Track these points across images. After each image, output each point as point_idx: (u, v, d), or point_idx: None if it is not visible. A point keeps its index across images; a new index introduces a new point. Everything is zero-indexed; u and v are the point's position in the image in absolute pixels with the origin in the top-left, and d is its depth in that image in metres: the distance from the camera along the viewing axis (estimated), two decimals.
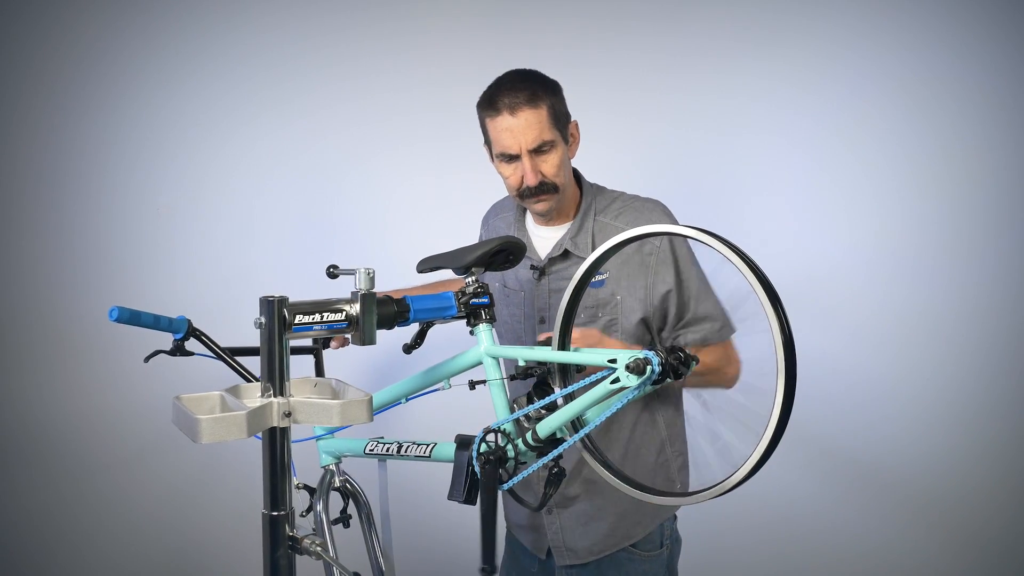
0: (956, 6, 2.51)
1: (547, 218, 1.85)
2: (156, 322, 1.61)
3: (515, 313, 1.91)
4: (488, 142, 1.83)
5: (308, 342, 1.95)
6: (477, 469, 1.49)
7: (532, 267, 1.85)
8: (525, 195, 1.78)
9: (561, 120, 1.76)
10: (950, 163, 2.53)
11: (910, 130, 2.55)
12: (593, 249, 1.76)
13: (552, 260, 1.83)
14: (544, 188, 1.76)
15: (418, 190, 2.71)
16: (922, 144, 2.54)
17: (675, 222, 1.79)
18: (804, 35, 2.58)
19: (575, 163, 1.89)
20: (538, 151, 1.73)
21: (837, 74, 2.57)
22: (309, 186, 2.69)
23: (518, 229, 1.91)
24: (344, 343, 1.98)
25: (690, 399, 1.94)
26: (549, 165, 1.75)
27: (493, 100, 1.75)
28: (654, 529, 1.86)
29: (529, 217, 1.92)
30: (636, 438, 1.82)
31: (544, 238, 1.87)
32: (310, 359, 1.96)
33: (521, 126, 1.71)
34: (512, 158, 1.75)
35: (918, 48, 2.53)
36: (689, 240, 1.78)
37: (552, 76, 1.81)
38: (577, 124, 1.84)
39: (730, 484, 1.30)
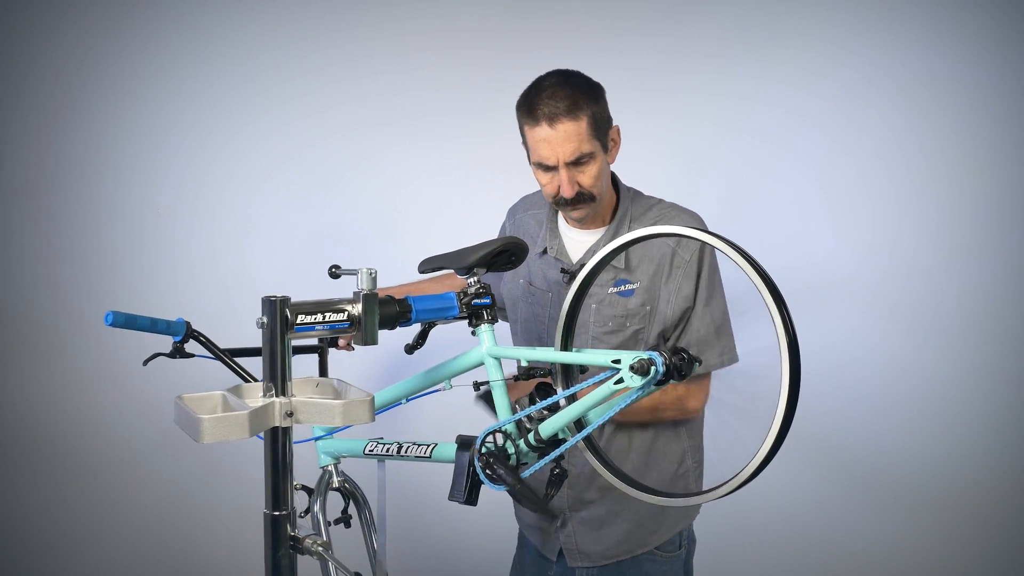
0: (956, 6, 2.52)
1: (583, 223, 1.83)
2: (153, 325, 1.60)
3: (539, 313, 1.89)
4: (525, 145, 1.79)
5: (314, 341, 1.94)
6: (478, 469, 1.49)
7: (563, 271, 1.83)
8: (561, 203, 1.75)
9: (602, 128, 1.71)
10: (950, 163, 2.54)
11: (910, 130, 2.55)
12: (627, 256, 1.75)
13: (584, 266, 1.81)
14: (581, 198, 1.72)
15: (420, 190, 2.71)
16: (922, 144, 2.55)
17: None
18: (804, 35, 2.58)
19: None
20: (576, 163, 1.69)
21: (837, 74, 2.57)
22: (310, 186, 2.68)
23: (550, 229, 1.89)
24: (351, 343, 1.97)
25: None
26: (587, 176, 1.71)
27: (532, 108, 1.69)
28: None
29: (562, 218, 1.89)
30: (658, 448, 1.82)
31: (577, 241, 1.85)
32: (314, 357, 1.95)
33: (560, 138, 1.66)
34: (549, 168, 1.71)
35: (918, 48, 2.54)
36: (717, 259, 1.77)
37: None
38: (619, 129, 1.79)
39: (734, 484, 1.30)
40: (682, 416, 1.79)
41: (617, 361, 1.32)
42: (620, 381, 1.30)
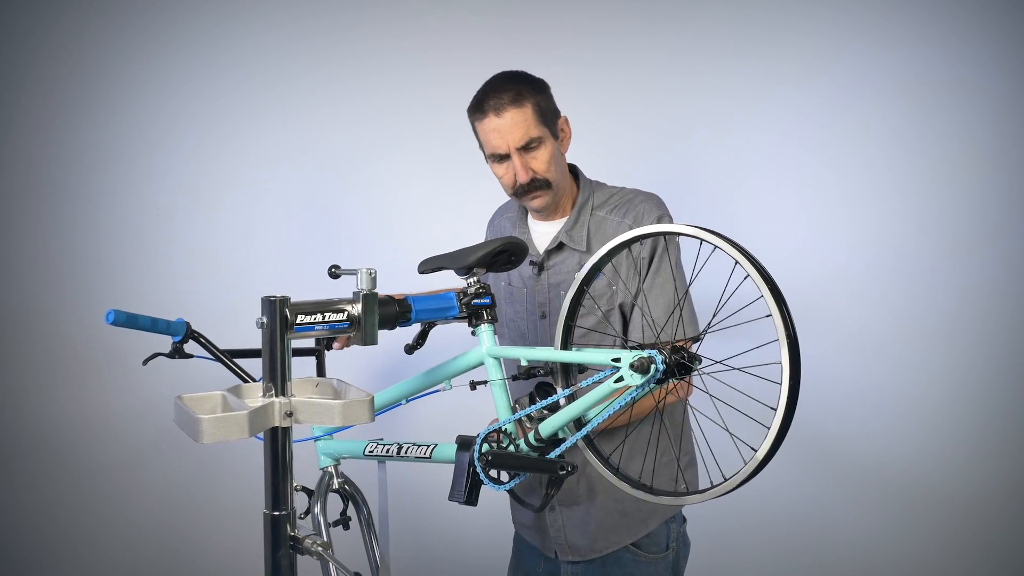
0: (956, 6, 2.52)
1: (544, 214, 1.88)
2: (153, 325, 1.59)
3: (519, 310, 1.93)
4: (480, 145, 1.86)
5: (311, 343, 1.94)
6: (479, 469, 1.48)
7: (531, 263, 1.87)
8: (520, 193, 1.81)
9: (548, 117, 1.79)
10: (950, 163, 2.53)
11: (910, 130, 2.55)
12: (588, 242, 1.81)
13: (549, 254, 1.85)
14: (536, 184, 1.79)
15: (421, 191, 2.71)
16: (922, 144, 2.55)
17: (669, 214, 1.82)
18: (804, 35, 2.58)
19: (574, 160, 1.91)
20: (526, 148, 1.77)
21: (837, 74, 2.57)
22: (310, 186, 2.68)
23: (520, 227, 1.94)
24: (347, 343, 1.98)
25: (697, 398, 1.93)
26: (539, 161, 1.78)
27: (480, 104, 1.80)
28: (659, 530, 1.87)
29: (530, 215, 1.94)
30: (640, 438, 1.82)
31: (543, 234, 1.90)
32: (311, 360, 1.94)
33: (507, 125, 1.75)
34: (502, 158, 1.79)
35: (918, 48, 2.54)
36: (682, 242, 1.79)
37: (552, 75, 1.83)
38: (567, 119, 1.87)
39: (733, 484, 1.30)
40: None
41: (617, 360, 1.32)
42: (620, 380, 1.30)
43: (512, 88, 1.77)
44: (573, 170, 1.92)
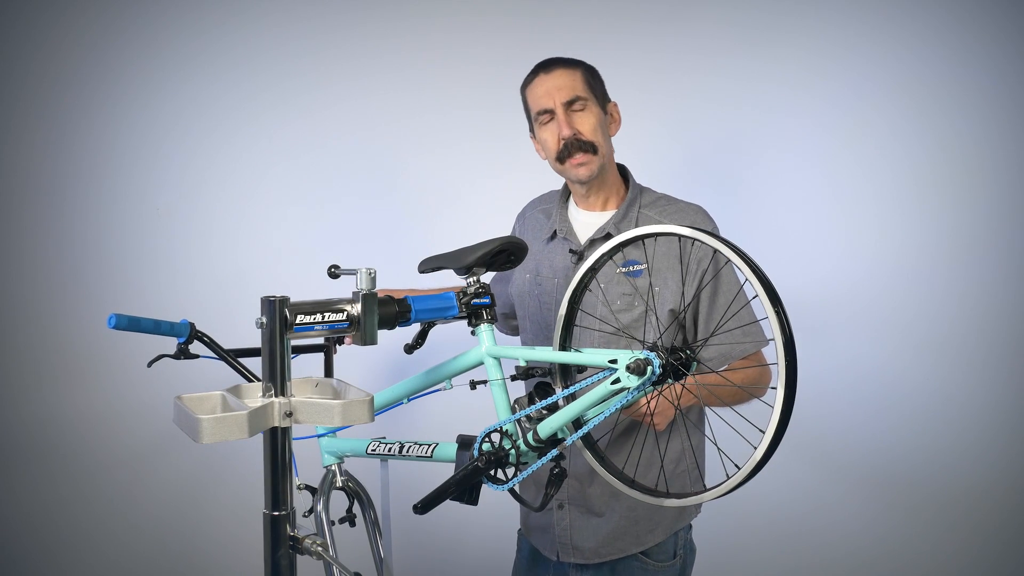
0: (956, 6, 2.52)
1: (589, 193, 1.87)
2: (156, 327, 1.59)
3: (546, 302, 1.92)
4: (529, 120, 1.89)
5: (320, 340, 1.93)
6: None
7: (571, 251, 1.86)
8: (563, 156, 1.82)
9: (597, 90, 1.85)
10: (951, 164, 2.53)
11: (911, 131, 2.55)
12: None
13: (593, 243, 1.84)
14: (581, 145, 1.80)
15: (421, 190, 2.71)
16: (923, 145, 2.54)
17: (715, 227, 1.83)
18: (804, 36, 2.58)
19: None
20: (572, 105, 1.81)
21: (837, 75, 2.57)
22: (310, 186, 2.69)
23: (560, 216, 1.93)
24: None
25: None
26: (584, 123, 1.81)
27: (533, 71, 1.87)
28: (667, 539, 1.86)
29: (572, 203, 1.94)
30: (661, 445, 1.82)
31: (585, 223, 1.90)
32: (319, 357, 1.94)
33: (555, 82, 1.81)
34: (549, 115, 1.82)
35: (918, 49, 2.53)
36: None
37: None
38: (617, 106, 1.91)
39: (731, 484, 1.30)
40: (761, 395, 1.75)
41: (614, 361, 1.32)
42: (617, 381, 1.31)
43: (564, 58, 1.85)
44: (623, 171, 1.93)
